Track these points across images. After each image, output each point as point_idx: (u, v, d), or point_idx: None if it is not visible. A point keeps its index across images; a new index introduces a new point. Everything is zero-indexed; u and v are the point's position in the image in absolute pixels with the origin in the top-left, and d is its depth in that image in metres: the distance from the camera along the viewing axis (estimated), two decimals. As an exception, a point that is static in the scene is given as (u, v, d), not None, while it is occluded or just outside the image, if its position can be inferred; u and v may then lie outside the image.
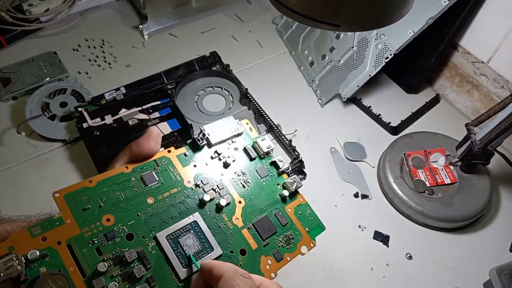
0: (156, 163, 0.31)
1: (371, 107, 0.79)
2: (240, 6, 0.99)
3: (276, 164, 0.36)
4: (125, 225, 0.28)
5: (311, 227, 0.35)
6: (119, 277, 0.26)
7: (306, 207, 0.35)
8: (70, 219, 0.27)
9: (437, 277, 0.60)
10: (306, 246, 0.33)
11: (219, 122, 0.35)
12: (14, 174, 0.67)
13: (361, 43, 0.76)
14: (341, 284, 0.58)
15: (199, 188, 0.32)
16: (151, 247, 0.28)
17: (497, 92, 0.74)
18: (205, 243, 0.29)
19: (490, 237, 0.65)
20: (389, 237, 0.63)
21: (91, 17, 0.94)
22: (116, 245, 0.27)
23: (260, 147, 0.35)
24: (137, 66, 0.84)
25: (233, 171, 0.34)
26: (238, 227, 0.31)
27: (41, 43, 0.87)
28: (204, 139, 0.33)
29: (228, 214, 0.32)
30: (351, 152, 0.73)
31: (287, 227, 0.33)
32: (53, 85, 0.76)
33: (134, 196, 0.29)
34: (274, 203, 0.34)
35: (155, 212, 0.29)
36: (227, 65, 0.80)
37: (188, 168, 0.32)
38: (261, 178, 0.35)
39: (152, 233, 0.28)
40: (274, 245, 0.32)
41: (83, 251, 0.26)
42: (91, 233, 0.27)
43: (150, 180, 0.30)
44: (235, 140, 0.35)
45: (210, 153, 0.34)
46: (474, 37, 0.75)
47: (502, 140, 0.59)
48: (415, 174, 0.67)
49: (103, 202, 0.28)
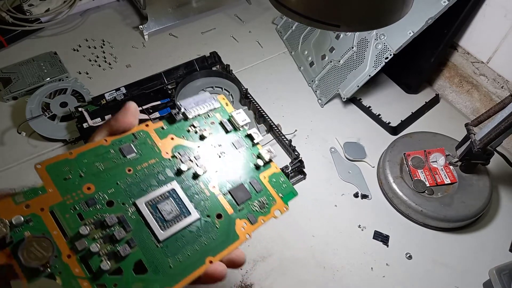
0: (134, 136, 0.32)
1: (371, 107, 0.79)
2: (240, 7, 0.99)
3: (251, 137, 0.37)
4: (105, 193, 0.29)
5: (285, 193, 0.36)
6: (100, 239, 0.27)
7: (280, 175, 0.37)
8: (52, 188, 0.27)
9: (437, 277, 0.60)
10: (279, 210, 0.35)
11: (196, 97, 0.36)
12: (14, 174, 0.67)
13: (361, 43, 0.76)
14: (341, 284, 0.58)
15: (176, 159, 0.33)
16: (131, 213, 0.29)
17: (497, 92, 0.75)
18: (183, 208, 0.31)
19: (489, 237, 0.65)
20: (389, 237, 0.63)
21: (92, 17, 0.94)
22: (97, 211, 0.28)
23: (235, 120, 0.37)
24: (137, 66, 0.84)
25: (209, 143, 0.35)
26: (215, 194, 0.33)
27: (41, 43, 0.87)
28: (181, 113, 0.35)
29: (205, 182, 0.33)
30: (351, 152, 0.73)
31: (262, 193, 0.35)
32: (54, 85, 0.77)
33: (114, 167, 0.30)
34: (249, 172, 0.35)
35: (134, 181, 0.30)
36: (227, 65, 0.80)
37: (165, 141, 0.34)
38: (236, 149, 0.36)
39: (131, 199, 0.30)
40: (249, 209, 0.34)
41: (65, 216, 0.27)
42: (72, 200, 0.28)
43: (129, 152, 0.31)
44: (211, 115, 0.37)
45: (187, 127, 0.35)
46: (474, 37, 0.75)
47: (501, 140, 0.59)
48: (415, 174, 0.67)
49: (83, 173, 0.29)
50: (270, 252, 0.60)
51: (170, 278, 0.28)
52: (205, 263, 0.29)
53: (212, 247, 0.31)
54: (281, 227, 0.63)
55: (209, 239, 0.31)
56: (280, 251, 0.61)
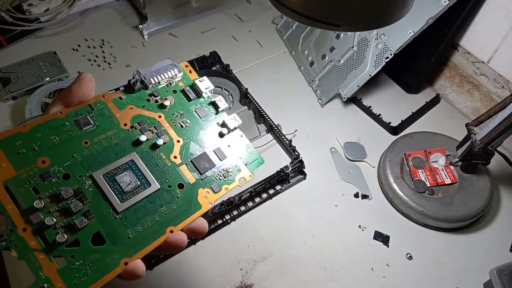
0: (91, 107, 0.32)
1: (371, 107, 0.79)
2: (240, 6, 0.99)
3: (216, 104, 0.36)
4: (61, 166, 0.28)
5: (250, 161, 0.35)
6: (56, 212, 0.27)
7: (246, 143, 0.36)
8: (6, 163, 0.27)
9: (438, 277, 0.60)
10: (244, 178, 0.34)
11: (156, 65, 0.35)
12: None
13: (361, 43, 0.76)
14: (341, 285, 0.58)
15: (136, 130, 0.32)
16: (88, 185, 0.29)
17: (497, 92, 0.74)
18: (142, 180, 0.31)
19: (490, 237, 0.65)
20: (389, 237, 0.63)
21: (91, 17, 0.94)
22: (52, 185, 0.28)
23: (199, 88, 0.35)
24: (137, 66, 0.84)
25: (171, 112, 0.34)
26: (176, 164, 0.32)
27: (41, 43, 0.87)
28: (139, 82, 0.34)
29: (166, 152, 0.32)
30: (351, 152, 0.72)
31: (226, 161, 0.34)
32: (53, 85, 0.76)
33: (69, 139, 0.30)
34: (213, 140, 0.35)
35: (91, 154, 0.30)
36: (227, 65, 0.80)
37: (124, 111, 0.33)
38: (200, 118, 0.35)
39: (88, 172, 0.29)
40: (212, 178, 0.33)
41: (20, 190, 0.27)
42: (27, 174, 0.27)
43: (85, 124, 0.31)
44: (173, 83, 0.35)
45: (147, 96, 0.34)
46: (474, 37, 0.75)
47: (502, 140, 0.59)
48: (415, 174, 0.67)
49: (38, 146, 0.29)
50: (270, 252, 0.60)
51: (129, 248, 0.28)
52: (166, 232, 0.29)
53: (173, 216, 0.30)
54: (281, 227, 0.63)
55: (170, 209, 0.31)
56: (280, 251, 0.60)
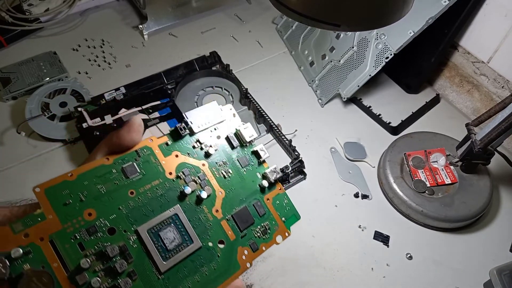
0: (137, 154, 0.31)
1: (371, 107, 0.79)
2: (240, 6, 0.99)
3: (258, 154, 0.35)
4: (106, 219, 0.28)
5: (287, 216, 0.35)
6: (101, 272, 0.26)
7: (284, 197, 0.36)
8: (52, 214, 0.26)
9: (438, 277, 0.60)
10: (281, 236, 0.34)
11: (202, 108, 0.34)
12: (14, 174, 0.67)
13: (361, 43, 0.76)
14: (341, 285, 0.58)
15: (180, 180, 0.32)
16: (132, 241, 0.28)
17: (497, 92, 0.74)
18: (185, 236, 0.30)
19: (490, 237, 0.65)
20: (389, 237, 0.63)
21: (91, 17, 0.94)
22: (98, 240, 0.27)
23: (242, 135, 0.35)
24: (137, 66, 0.84)
25: (214, 160, 0.34)
26: (218, 219, 0.32)
27: (41, 43, 0.87)
28: (187, 128, 0.33)
29: (208, 205, 0.32)
30: (351, 152, 0.72)
31: (265, 217, 0.34)
32: (53, 85, 0.76)
33: (116, 189, 0.29)
34: (253, 193, 0.34)
35: (137, 205, 0.29)
36: (227, 65, 0.80)
37: (169, 159, 0.32)
38: (242, 168, 0.35)
39: (133, 226, 0.28)
40: (251, 235, 0.33)
41: (65, 246, 0.26)
42: (73, 228, 0.27)
43: (132, 172, 0.30)
44: (217, 128, 0.35)
45: (192, 142, 0.33)
46: (474, 37, 0.75)
47: (502, 140, 0.59)
48: (415, 174, 0.67)
49: (84, 196, 0.28)
50: (270, 252, 0.60)
51: None
52: None
53: (213, 278, 0.30)
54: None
55: (210, 269, 0.30)
56: (280, 251, 0.60)
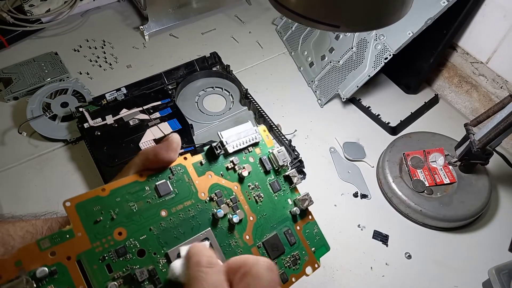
0: (171, 172, 0.30)
1: (371, 107, 0.79)
2: (240, 7, 1.00)
3: (290, 179, 0.35)
4: (137, 240, 0.27)
5: (317, 247, 0.34)
6: None
7: (314, 225, 0.35)
8: (81, 231, 0.25)
9: (436, 277, 0.60)
10: (311, 267, 0.33)
11: (237, 129, 0.33)
12: (15, 174, 0.67)
13: (361, 43, 0.76)
14: (341, 284, 0.59)
15: (213, 202, 0.31)
16: (162, 265, 0.27)
17: (496, 93, 0.75)
18: None
19: (489, 236, 0.65)
20: (388, 237, 0.63)
21: (92, 17, 0.95)
22: (127, 262, 0.26)
23: (276, 159, 0.34)
24: (137, 67, 0.85)
25: (247, 183, 0.33)
26: (248, 245, 0.31)
27: (42, 43, 0.87)
28: (223, 149, 0.32)
29: (239, 231, 0.31)
30: (351, 152, 0.73)
31: (295, 246, 0.33)
32: (54, 86, 0.77)
33: (148, 208, 0.28)
34: (284, 220, 0.33)
35: (168, 227, 0.28)
36: (227, 65, 0.80)
37: (203, 179, 0.31)
38: (273, 193, 0.34)
39: (164, 249, 0.27)
40: (281, 265, 0.32)
41: (93, 267, 0.25)
42: (102, 248, 0.25)
43: (165, 191, 0.29)
44: (251, 150, 0.34)
45: (226, 163, 0.32)
46: (473, 38, 0.75)
47: (501, 140, 0.59)
48: (414, 174, 0.67)
49: (116, 214, 0.27)
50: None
51: None
52: None
53: None
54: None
55: None
56: (280, 250, 0.61)
